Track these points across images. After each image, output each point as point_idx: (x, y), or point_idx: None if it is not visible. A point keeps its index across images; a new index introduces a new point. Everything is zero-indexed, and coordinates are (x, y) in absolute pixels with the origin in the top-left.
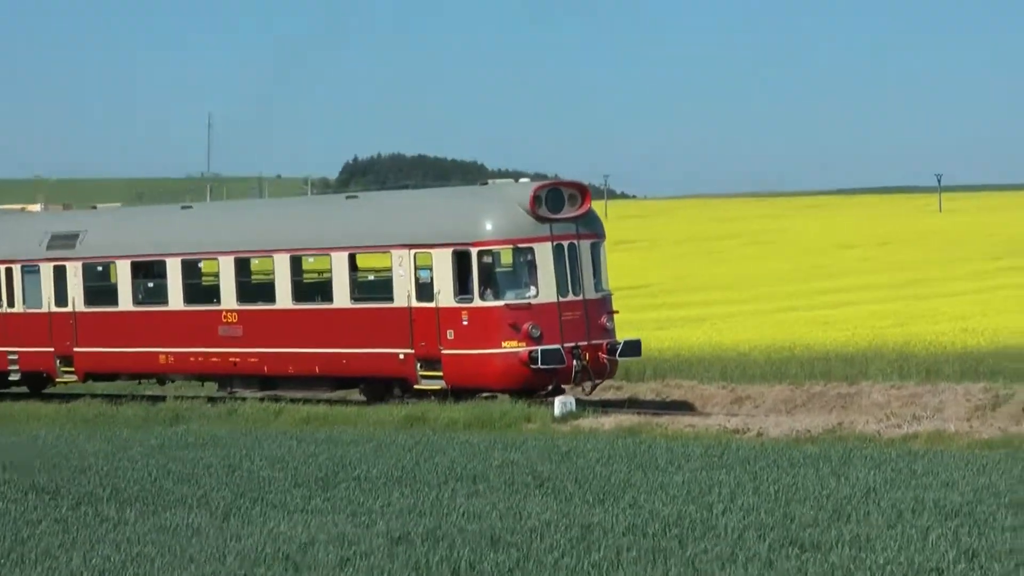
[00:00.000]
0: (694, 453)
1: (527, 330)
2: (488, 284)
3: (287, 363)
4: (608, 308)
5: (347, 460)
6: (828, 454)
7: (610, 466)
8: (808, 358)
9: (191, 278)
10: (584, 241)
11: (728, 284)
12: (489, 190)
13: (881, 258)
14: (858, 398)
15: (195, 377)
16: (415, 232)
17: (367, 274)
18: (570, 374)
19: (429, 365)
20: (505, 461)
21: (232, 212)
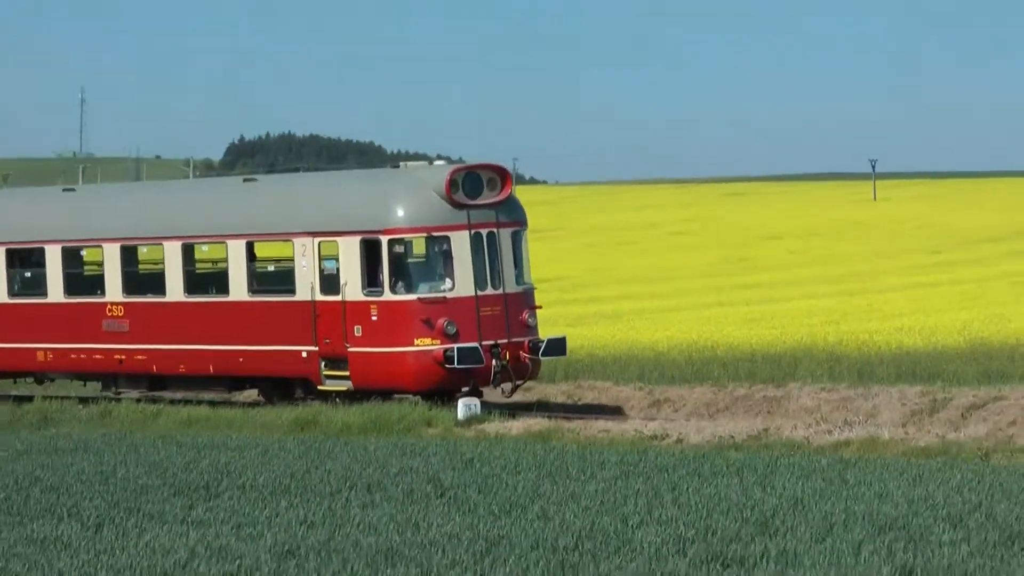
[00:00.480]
0: (608, 460)
1: (442, 326)
2: (399, 276)
3: (178, 361)
4: (531, 303)
5: (232, 466)
6: (753, 462)
7: (517, 474)
8: (732, 358)
9: (72, 267)
10: (505, 229)
11: (645, 278)
12: (401, 174)
13: (811, 251)
14: (786, 402)
15: (76, 376)
16: (320, 219)
17: (266, 264)
18: (489, 374)
19: (335, 364)
20: (404, 468)
21: (118, 195)
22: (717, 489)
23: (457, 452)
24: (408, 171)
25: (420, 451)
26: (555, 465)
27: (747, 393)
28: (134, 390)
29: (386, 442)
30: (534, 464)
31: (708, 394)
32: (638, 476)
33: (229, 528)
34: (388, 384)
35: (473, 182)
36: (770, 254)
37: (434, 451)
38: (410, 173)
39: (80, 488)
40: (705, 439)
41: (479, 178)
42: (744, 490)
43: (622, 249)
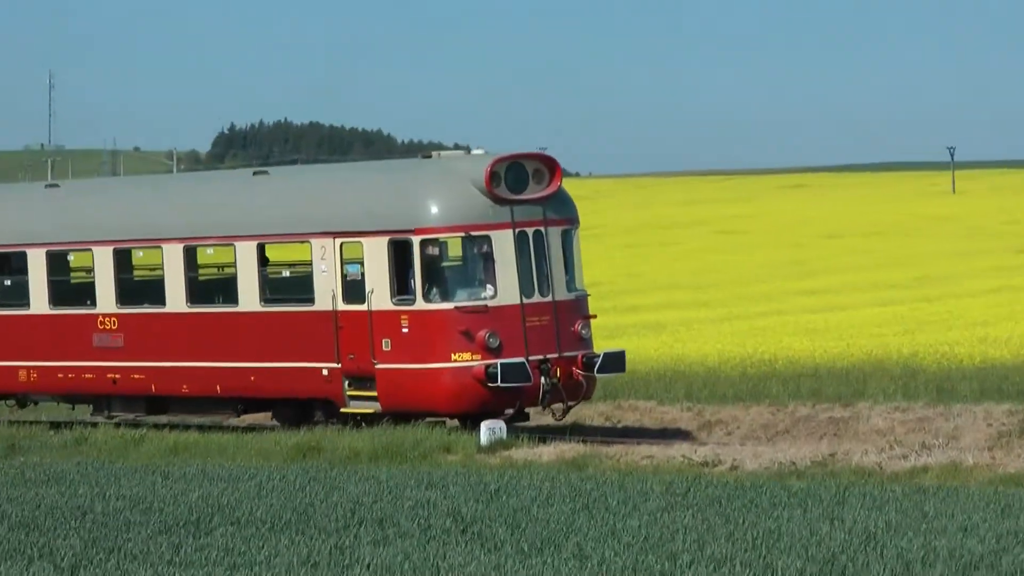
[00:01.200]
0: (653, 491)
1: (483, 339)
2: (434, 282)
3: (180, 381)
4: (584, 312)
5: (225, 499)
6: (818, 492)
7: (549, 507)
8: (792, 374)
9: (58, 274)
10: (554, 228)
11: (691, 283)
12: (434, 165)
13: (880, 250)
14: (854, 423)
15: (64, 398)
16: (341, 216)
17: (281, 269)
18: (537, 394)
19: (360, 383)
20: (420, 501)
21: (110, 192)
22: (777, 523)
23: (480, 482)
24: (442, 162)
25: (438, 481)
26: (592, 496)
27: (810, 413)
28: (130, 413)
29: (400, 471)
30: (568, 495)
31: (765, 415)
32: (687, 508)
33: (222, 570)
34: (421, 406)
35: (517, 174)
36: (833, 254)
37: (454, 481)
38: (445, 164)
39: (52, 525)
40: (763, 466)
41: (524, 169)
42: (808, 524)
43: (665, 250)
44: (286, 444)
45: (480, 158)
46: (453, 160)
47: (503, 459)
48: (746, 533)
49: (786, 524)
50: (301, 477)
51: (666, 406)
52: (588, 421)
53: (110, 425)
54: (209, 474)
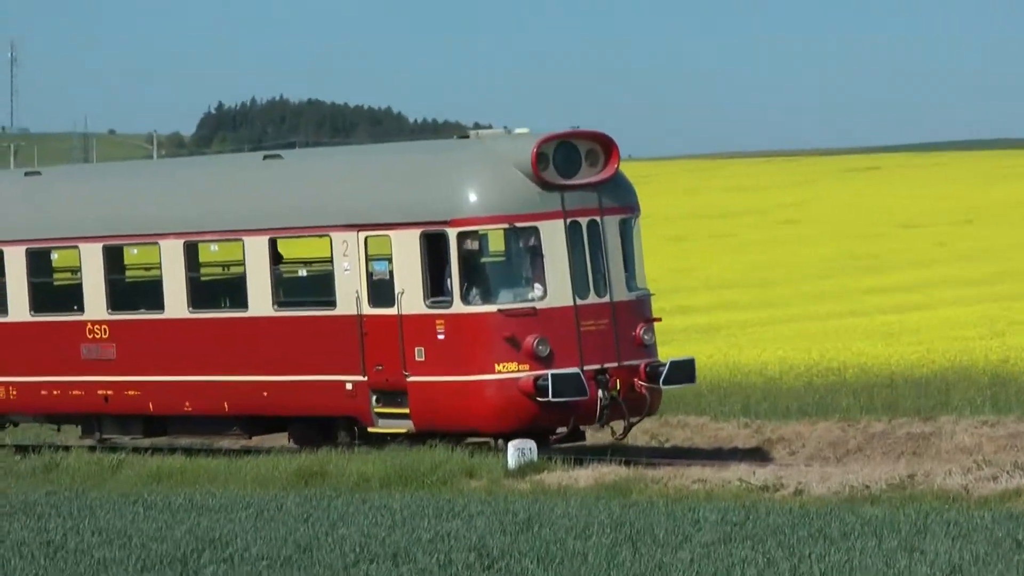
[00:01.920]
0: (706, 519)
1: (531, 346)
2: (474, 281)
3: (182, 398)
4: (647, 314)
5: (216, 533)
6: (895, 520)
7: (587, 539)
8: (864, 384)
9: (40, 276)
10: (611, 217)
11: (747, 280)
12: (472, 146)
13: (965, 241)
14: (936, 440)
15: (48, 418)
16: (366, 206)
17: (297, 268)
18: (594, 409)
19: (390, 399)
20: (439, 533)
21: (99, 180)
22: (848, 556)
23: (508, 511)
24: (482, 142)
25: (460, 510)
26: (636, 527)
27: (885, 429)
28: (124, 435)
29: (416, 499)
30: (609, 525)
31: (834, 431)
32: (745, 540)
33: None
34: (460, 424)
35: (568, 155)
36: (911, 246)
37: (478, 510)
38: (484, 145)
39: (20, 564)
40: (832, 490)
41: (576, 150)
42: (884, 557)
43: (717, 243)
44: (286, 469)
45: (525, 137)
46: (494, 140)
47: (534, 484)
48: (812, 568)
49: (859, 557)
50: (303, 507)
51: (720, 422)
52: (631, 440)
53: (84, 449)
54: (197, 504)
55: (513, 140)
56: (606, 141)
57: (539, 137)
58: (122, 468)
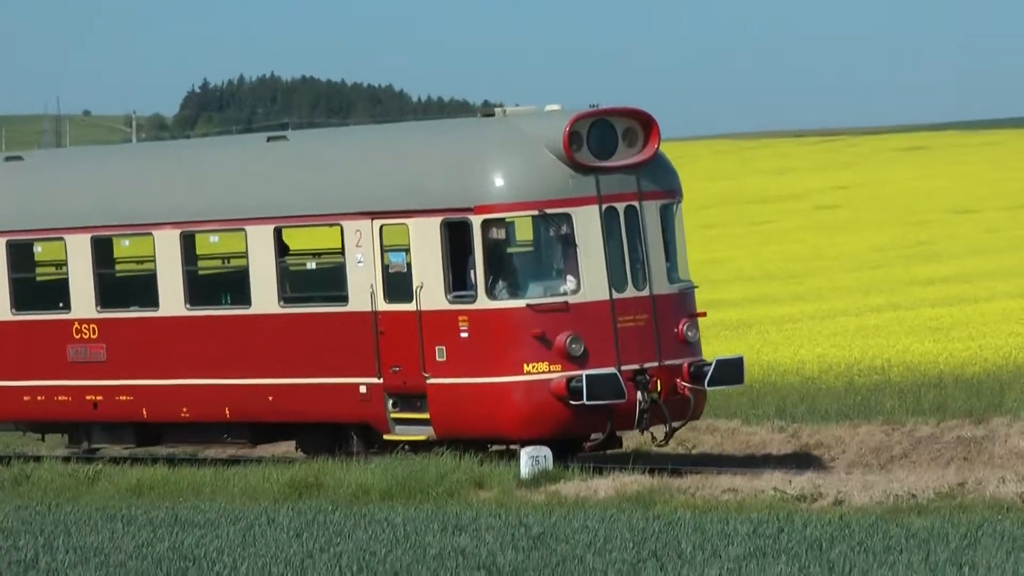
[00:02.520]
0: (737, 532)
1: (564, 344)
2: (500, 273)
3: (178, 403)
4: (690, 309)
5: (201, 551)
6: (944, 531)
7: (607, 555)
8: (911, 384)
9: (22, 270)
10: (651, 202)
11: (784, 272)
12: (498, 125)
13: (1019, 228)
14: (989, 444)
15: (30, 426)
16: (381, 192)
17: (305, 260)
18: (633, 413)
19: (407, 403)
20: (445, 549)
21: (87, 165)
22: (893, 571)
23: (520, 524)
24: (508, 120)
25: (469, 524)
26: (661, 541)
27: (933, 433)
28: (115, 444)
29: (420, 512)
30: (631, 540)
31: (878, 435)
32: (780, 555)
33: None
34: (485, 430)
35: (603, 134)
36: (963, 233)
37: (488, 523)
38: (511, 124)
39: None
40: (875, 499)
41: (612, 128)
42: (932, 572)
43: (752, 231)
44: (277, 480)
45: (556, 115)
46: (522, 118)
47: (549, 495)
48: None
49: (904, 572)
50: (296, 521)
51: (753, 426)
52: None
53: (57, 460)
54: (182, 519)
55: (543, 118)
56: (645, 119)
57: (572, 115)
58: (99, 480)
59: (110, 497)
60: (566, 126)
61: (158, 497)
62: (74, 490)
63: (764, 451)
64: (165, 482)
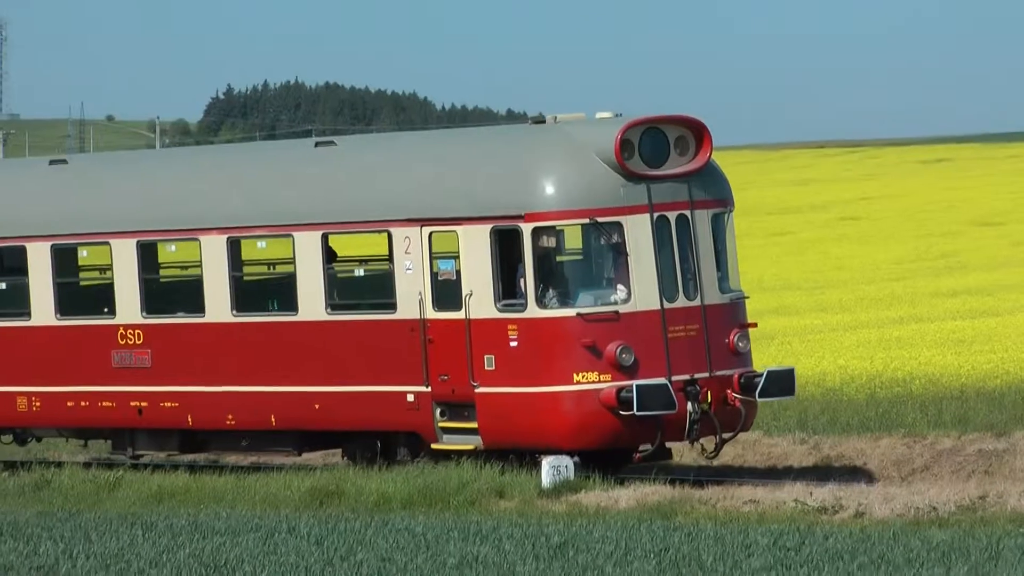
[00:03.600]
0: (758, 544)
1: (614, 354)
2: (550, 282)
3: (224, 410)
4: (741, 319)
5: (222, 558)
6: (965, 545)
7: (628, 565)
8: (933, 396)
9: (67, 275)
10: (702, 211)
11: (806, 283)
12: (548, 132)
13: None
14: (1010, 457)
15: (74, 432)
16: (431, 199)
17: (353, 267)
18: (683, 424)
19: (455, 412)
20: (466, 558)
21: (133, 169)
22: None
23: (542, 534)
24: (559, 127)
25: (489, 533)
26: (682, 551)
27: (955, 446)
28: (160, 451)
29: (441, 520)
30: (652, 550)
31: (899, 448)
32: (800, 566)
33: None
34: (534, 440)
35: (655, 142)
36: (986, 246)
37: (509, 533)
38: (562, 130)
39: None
40: (896, 512)
41: (663, 137)
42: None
43: (772, 242)
44: (299, 488)
45: (607, 123)
46: (573, 125)
47: (570, 505)
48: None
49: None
50: (317, 529)
51: (774, 437)
52: (676, 457)
53: (78, 466)
54: (202, 526)
55: (594, 125)
56: (697, 127)
57: (624, 122)
58: (120, 487)
59: (131, 504)
60: (618, 134)
61: (179, 504)
62: (95, 496)
63: (785, 463)
64: (186, 489)
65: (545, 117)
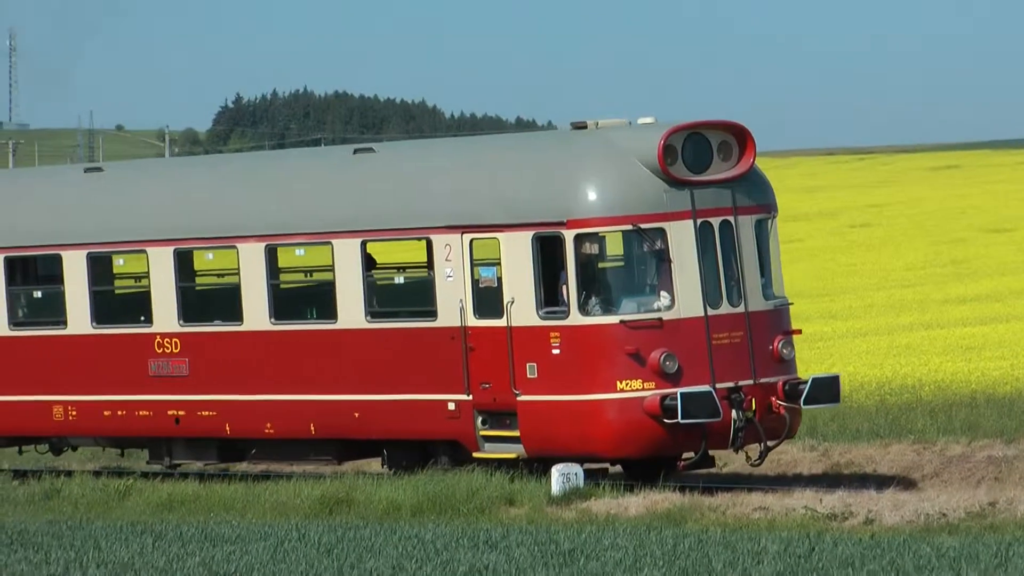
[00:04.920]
0: (768, 551)
1: (657, 362)
2: (593, 289)
3: (262, 419)
4: (785, 326)
5: (232, 566)
6: (975, 551)
7: (638, 572)
8: (942, 403)
9: (103, 283)
10: (746, 217)
11: (815, 290)
12: (590, 137)
13: None
14: (1020, 464)
15: (110, 441)
16: (471, 205)
17: (393, 274)
18: (728, 432)
19: (497, 420)
20: (475, 566)
21: (168, 176)
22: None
23: (551, 541)
24: (601, 133)
25: (498, 540)
26: (691, 559)
27: (965, 452)
28: (197, 461)
29: (450, 528)
30: (662, 557)
31: (909, 454)
32: (811, 573)
33: None
34: (577, 448)
35: (698, 148)
36: (994, 253)
37: (519, 540)
38: (604, 136)
39: None
40: (905, 518)
41: (707, 142)
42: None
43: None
44: (308, 496)
45: (650, 128)
46: (615, 131)
47: (579, 512)
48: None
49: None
50: (327, 537)
51: (784, 444)
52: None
53: (87, 474)
54: (212, 534)
55: (636, 131)
56: (740, 132)
57: (666, 128)
58: (129, 495)
59: (140, 512)
60: (661, 139)
61: (189, 512)
62: (104, 505)
63: (795, 470)
64: (196, 497)
65: (586, 123)
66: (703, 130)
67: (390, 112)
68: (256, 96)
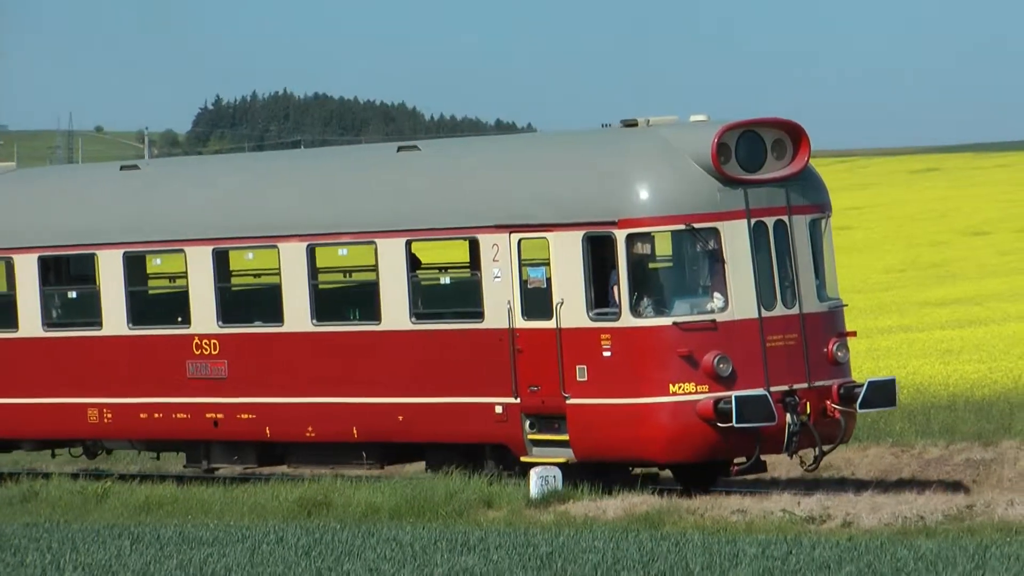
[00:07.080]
0: (745, 553)
1: (711, 365)
2: (645, 290)
3: (303, 422)
4: (839, 328)
5: (209, 569)
6: (952, 554)
7: (616, 575)
8: (920, 405)
9: (140, 283)
10: (800, 217)
11: None
12: (642, 135)
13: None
14: (997, 467)
15: (147, 445)
16: (519, 204)
17: (438, 274)
18: (782, 437)
19: (546, 424)
20: (454, 569)
21: (206, 174)
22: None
23: (529, 544)
24: (652, 131)
25: (477, 543)
26: (669, 561)
27: (942, 455)
28: (236, 464)
29: (429, 531)
30: (639, 560)
31: (887, 457)
32: (788, 575)
33: None
34: (628, 453)
35: (751, 146)
36: (973, 256)
37: (497, 543)
38: (656, 134)
39: None
40: (883, 521)
41: (760, 140)
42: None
43: None
44: (286, 498)
45: (702, 126)
46: (667, 128)
47: (558, 515)
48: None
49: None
50: (305, 540)
51: None
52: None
53: (65, 476)
54: (189, 537)
55: (689, 129)
56: (795, 130)
57: (720, 125)
58: (107, 498)
59: (118, 515)
60: (714, 137)
61: (166, 515)
62: (82, 507)
63: (773, 472)
64: (173, 500)
65: (637, 120)
66: (757, 128)
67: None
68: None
